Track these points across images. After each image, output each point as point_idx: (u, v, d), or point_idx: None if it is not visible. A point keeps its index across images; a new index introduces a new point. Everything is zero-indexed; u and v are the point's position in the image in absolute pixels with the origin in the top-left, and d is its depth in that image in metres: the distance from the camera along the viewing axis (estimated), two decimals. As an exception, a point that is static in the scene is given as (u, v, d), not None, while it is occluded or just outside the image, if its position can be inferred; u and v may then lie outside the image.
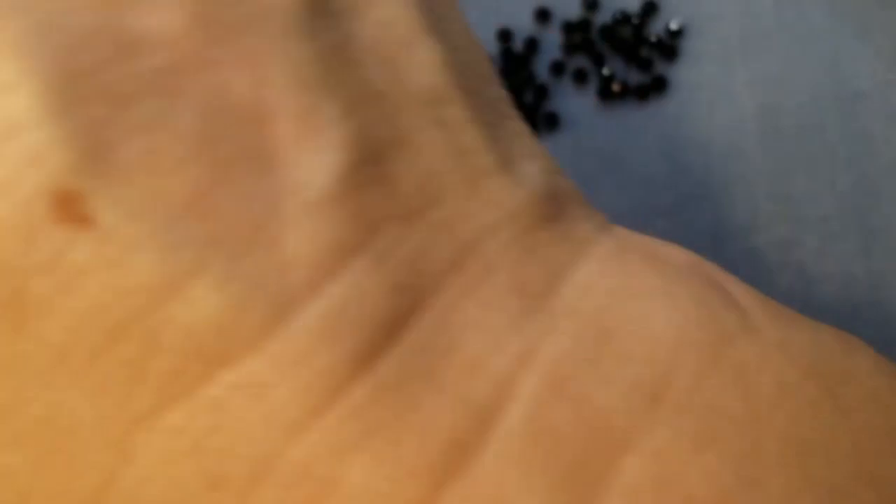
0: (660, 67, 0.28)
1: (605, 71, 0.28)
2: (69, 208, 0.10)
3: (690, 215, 0.27)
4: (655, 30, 0.28)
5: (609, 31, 0.28)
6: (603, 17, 0.28)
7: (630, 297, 0.13)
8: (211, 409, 0.11)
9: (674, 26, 0.27)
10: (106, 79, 0.10)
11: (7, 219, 0.10)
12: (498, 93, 0.15)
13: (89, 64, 0.10)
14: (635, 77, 0.28)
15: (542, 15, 0.28)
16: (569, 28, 0.28)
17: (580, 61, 0.28)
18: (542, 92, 0.27)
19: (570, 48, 0.28)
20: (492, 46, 0.28)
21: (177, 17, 0.11)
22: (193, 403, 0.11)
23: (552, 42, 0.28)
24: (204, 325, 0.10)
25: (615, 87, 0.27)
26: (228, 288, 0.11)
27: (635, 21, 0.28)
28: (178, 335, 0.10)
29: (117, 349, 0.10)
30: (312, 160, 0.11)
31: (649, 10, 0.28)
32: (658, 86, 0.27)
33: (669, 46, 0.27)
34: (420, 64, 0.13)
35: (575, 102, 0.28)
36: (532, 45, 0.28)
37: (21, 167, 0.10)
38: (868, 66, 0.27)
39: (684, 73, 0.27)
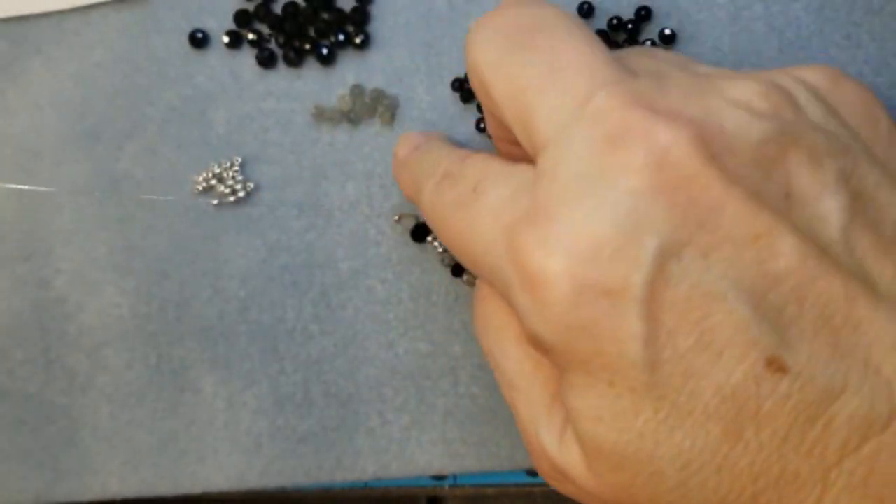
0: (654, 72, 0.28)
1: (601, 75, 0.28)
2: (775, 364, 0.18)
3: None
4: (649, 36, 0.28)
5: (604, 37, 0.28)
6: (598, 22, 0.29)
7: None
8: (867, 460, 0.18)
9: (667, 33, 0.28)
10: (776, 302, 0.19)
11: (742, 373, 0.18)
12: None
13: (772, 298, 0.19)
14: (630, 81, 0.28)
15: (540, 21, 0.28)
16: (565, 34, 0.28)
17: (576, 66, 0.28)
18: (539, 96, 0.28)
19: (566, 53, 0.28)
20: (490, 51, 0.29)
21: (796, 259, 0.19)
22: (857, 458, 0.19)
23: (549, 47, 0.29)
24: (854, 418, 0.18)
25: (610, 91, 0.28)
26: (861, 396, 0.18)
27: (629, 27, 0.28)
28: (840, 422, 0.18)
29: (813, 429, 0.18)
30: (884, 327, 0.19)
31: (643, 16, 0.28)
32: (652, 90, 0.28)
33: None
34: None
35: (571, 106, 0.28)
36: (529, 50, 0.28)
37: (745, 348, 0.18)
38: (856, 70, 0.28)
39: (678, 78, 0.28)
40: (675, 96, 0.20)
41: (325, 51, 0.29)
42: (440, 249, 0.29)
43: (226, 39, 0.29)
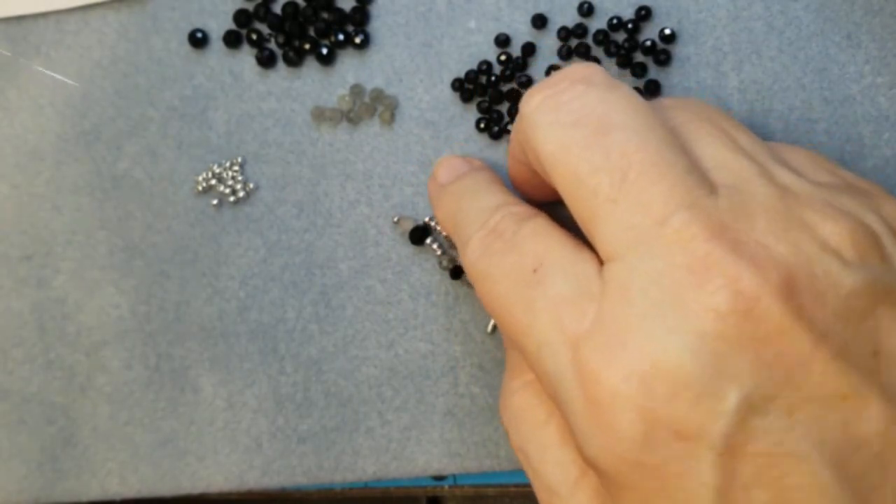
0: (653, 72, 0.28)
1: (601, 75, 0.28)
2: None
3: (684, 216, 0.27)
4: (649, 35, 0.28)
5: (604, 37, 0.28)
6: (598, 22, 0.29)
7: None
8: None
9: (667, 32, 0.28)
10: (858, 467, 0.18)
11: None
12: None
13: (855, 463, 0.18)
14: (629, 81, 0.28)
15: (540, 21, 0.29)
16: (565, 33, 0.28)
17: (576, 66, 0.28)
18: (539, 96, 0.28)
19: (566, 53, 0.28)
20: (491, 51, 0.29)
21: (881, 425, 0.18)
22: None
23: (549, 47, 0.29)
24: None
25: (610, 91, 0.28)
26: None
27: (629, 27, 0.28)
28: None
29: None
30: None
31: (643, 16, 0.28)
32: (652, 90, 0.28)
33: (663, 52, 0.28)
34: None
35: (571, 106, 0.28)
36: (530, 49, 0.28)
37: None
38: (856, 70, 0.28)
39: (677, 78, 0.28)
40: (761, 227, 0.19)
41: (324, 51, 0.29)
42: (439, 252, 0.29)
43: (225, 39, 0.29)
